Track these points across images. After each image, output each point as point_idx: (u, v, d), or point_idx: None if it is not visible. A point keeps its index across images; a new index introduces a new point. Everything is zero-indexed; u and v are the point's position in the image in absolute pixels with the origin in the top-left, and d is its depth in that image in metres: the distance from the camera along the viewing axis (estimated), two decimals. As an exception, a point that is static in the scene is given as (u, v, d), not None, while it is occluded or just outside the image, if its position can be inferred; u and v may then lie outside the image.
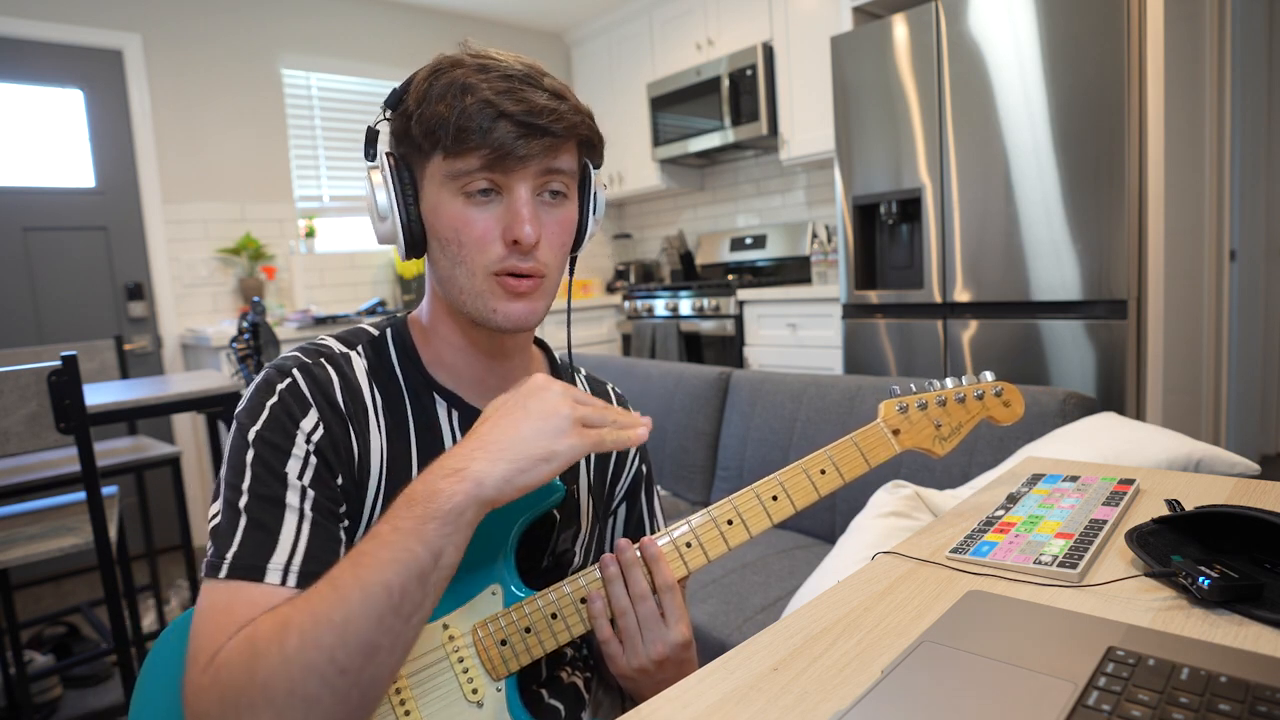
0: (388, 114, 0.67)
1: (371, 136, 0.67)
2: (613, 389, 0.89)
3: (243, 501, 0.59)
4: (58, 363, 1.45)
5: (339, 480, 0.65)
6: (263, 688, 0.50)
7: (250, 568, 0.57)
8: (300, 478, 0.61)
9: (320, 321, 3.17)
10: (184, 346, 3.26)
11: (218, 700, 0.51)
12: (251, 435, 0.62)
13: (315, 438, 0.63)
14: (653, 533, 0.88)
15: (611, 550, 0.83)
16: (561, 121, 0.62)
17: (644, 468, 0.89)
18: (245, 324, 2.55)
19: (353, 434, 0.66)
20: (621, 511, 0.87)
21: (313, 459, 0.62)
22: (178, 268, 3.25)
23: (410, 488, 0.55)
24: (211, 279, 3.34)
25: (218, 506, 0.60)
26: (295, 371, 0.66)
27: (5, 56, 2.85)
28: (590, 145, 0.69)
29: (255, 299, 2.74)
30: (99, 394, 1.80)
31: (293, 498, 0.60)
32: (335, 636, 0.50)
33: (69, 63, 2.99)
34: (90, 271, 3.07)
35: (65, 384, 1.45)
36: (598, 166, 0.73)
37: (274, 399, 0.64)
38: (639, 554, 0.68)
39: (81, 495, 1.75)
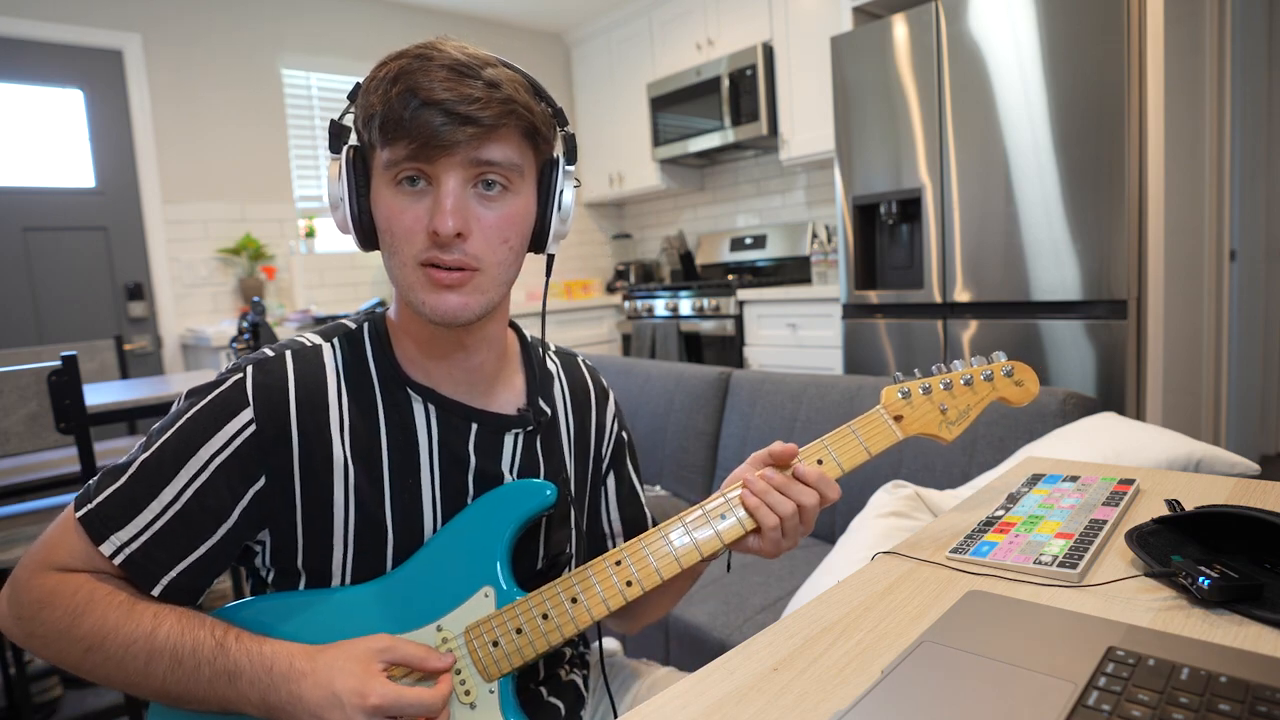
0: (350, 107, 0.67)
1: (334, 130, 0.67)
2: (583, 360, 0.89)
3: (138, 461, 0.65)
4: (58, 363, 1.45)
5: (259, 482, 0.65)
6: (57, 647, 0.62)
7: (99, 530, 0.63)
8: (192, 480, 0.64)
9: (320, 321, 3.17)
10: (184, 346, 3.26)
11: (41, 618, 0.62)
12: (181, 419, 0.65)
13: (238, 441, 0.65)
14: (642, 499, 0.90)
15: (603, 528, 0.85)
16: (489, 109, 0.61)
17: (624, 434, 0.89)
18: (245, 324, 2.55)
19: (295, 434, 0.66)
20: (611, 482, 0.87)
21: (217, 461, 0.64)
22: (178, 268, 3.25)
23: (269, 665, 0.61)
24: (211, 279, 3.34)
25: (133, 451, 0.66)
26: (249, 369, 0.67)
27: (5, 56, 2.85)
28: (538, 137, 0.67)
29: (255, 299, 2.74)
30: (99, 394, 1.80)
31: (168, 493, 0.64)
32: (121, 682, 0.62)
33: (69, 63, 2.99)
34: (90, 271, 3.07)
35: (65, 384, 1.45)
36: (570, 162, 0.70)
37: (214, 394, 0.66)
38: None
39: (81, 495, 1.75)
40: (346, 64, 3.70)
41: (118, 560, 0.63)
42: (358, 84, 0.66)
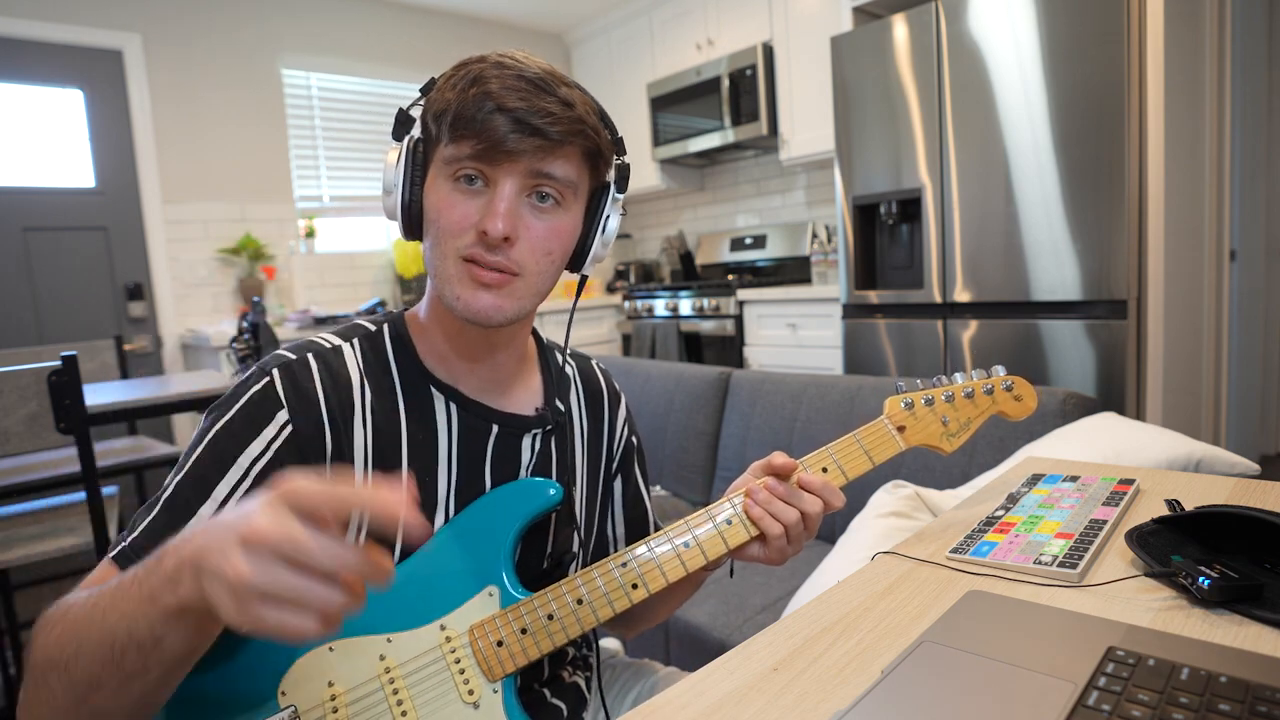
0: (420, 99, 0.69)
1: (401, 117, 0.68)
2: (597, 364, 0.89)
3: (171, 488, 0.62)
4: (58, 363, 1.45)
5: None
6: (33, 655, 0.53)
7: (128, 560, 0.59)
8: (234, 490, 0.63)
9: (320, 321, 3.17)
10: (184, 346, 3.26)
11: (30, 649, 0.54)
12: (209, 435, 0.64)
13: (278, 443, 0.64)
14: (648, 501, 0.90)
15: (608, 530, 0.84)
16: (558, 125, 0.63)
17: (634, 439, 0.90)
18: (245, 324, 2.55)
19: (328, 432, 0.66)
20: (617, 486, 0.88)
21: (258, 466, 0.63)
22: (178, 268, 3.25)
23: (178, 545, 0.48)
24: (211, 279, 3.34)
25: (164, 484, 0.63)
26: (275, 371, 0.66)
27: (5, 56, 2.85)
28: (598, 160, 0.69)
29: (255, 299, 2.74)
30: (99, 394, 1.80)
31: (208, 509, 0.62)
32: (72, 651, 0.51)
33: (69, 63, 2.99)
34: (90, 271, 3.07)
35: (65, 384, 1.45)
36: (620, 191, 0.72)
37: (244, 400, 0.65)
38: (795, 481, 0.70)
39: (81, 495, 1.75)
40: (346, 64, 3.70)
41: None
42: (432, 79, 0.67)
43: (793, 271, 3.69)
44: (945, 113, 2.33)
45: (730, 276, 3.88)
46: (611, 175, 0.72)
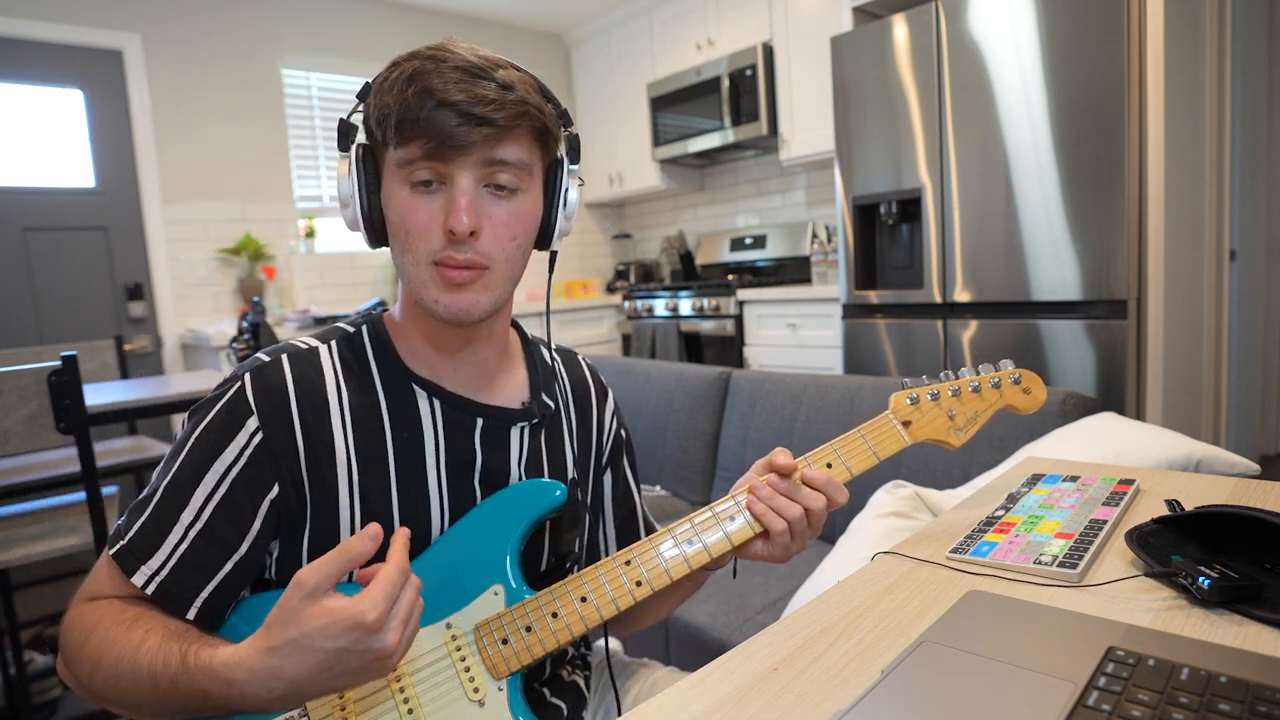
0: (359, 106, 0.68)
1: (343, 128, 0.67)
2: (583, 359, 0.89)
3: (160, 490, 0.65)
4: (58, 363, 1.45)
5: (274, 490, 0.65)
6: (73, 671, 0.63)
7: (129, 563, 0.63)
8: (210, 498, 0.64)
9: (320, 321, 3.16)
10: (184, 346, 3.26)
11: (64, 644, 0.64)
12: (191, 440, 0.65)
13: (249, 450, 0.65)
14: (637, 495, 0.90)
15: (601, 525, 0.85)
16: (504, 111, 0.62)
17: (623, 432, 0.90)
18: (245, 324, 2.56)
19: (300, 434, 0.66)
20: (607, 480, 0.88)
21: (232, 474, 0.64)
22: (178, 268, 3.25)
23: (228, 678, 0.56)
24: (211, 279, 3.34)
25: (153, 480, 0.66)
26: (246, 376, 0.67)
27: (5, 56, 2.85)
28: (547, 137, 0.69)
29: (255, 299, 2.74)
30: (99, 394, 1.80)
31: (188, 514, 0.64)
32: (120, 702, 0.61)
33: (69, 63, 2.99)
34: (90, 271, 3.07)
35: (65, 384, 1.45)
36: (574, 162, 0.72)
37: (217, 408, 0.66)
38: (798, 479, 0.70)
39: (81, 495, 1.75)
40: (346, 64, 3.70)
41: (150, 589, 0.63)
42: (367, 83, 0.66)
43: (793, 271, 3.69)
44: (945, 113, 2.33)
45: (730, 276, 3.88)
46: (563, 148, 0.72)
